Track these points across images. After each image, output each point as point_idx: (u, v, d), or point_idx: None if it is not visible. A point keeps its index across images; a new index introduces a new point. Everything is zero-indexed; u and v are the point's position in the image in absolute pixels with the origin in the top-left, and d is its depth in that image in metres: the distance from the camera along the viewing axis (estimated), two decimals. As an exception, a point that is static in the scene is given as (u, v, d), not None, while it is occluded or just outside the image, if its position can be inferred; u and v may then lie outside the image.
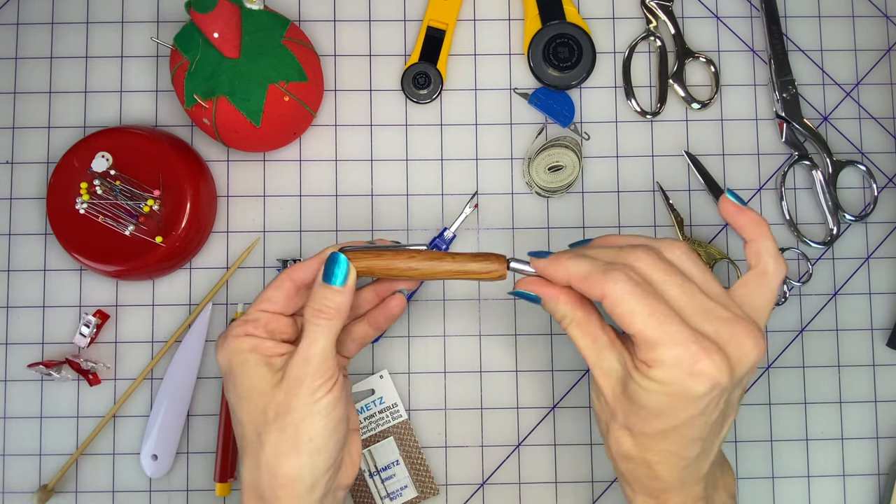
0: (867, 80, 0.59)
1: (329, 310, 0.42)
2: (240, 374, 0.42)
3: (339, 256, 0.42)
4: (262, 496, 0.41)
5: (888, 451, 0.57)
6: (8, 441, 0.55)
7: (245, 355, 0.42)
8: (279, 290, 0.44)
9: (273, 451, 0.41)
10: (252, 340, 0.43)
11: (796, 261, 0.57)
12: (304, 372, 0.41)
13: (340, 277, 0.42)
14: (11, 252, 0.56)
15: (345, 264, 0.42)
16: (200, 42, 0.50)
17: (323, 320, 0.42)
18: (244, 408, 0.42)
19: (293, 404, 0.41)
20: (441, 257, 0.44)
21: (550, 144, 0.56)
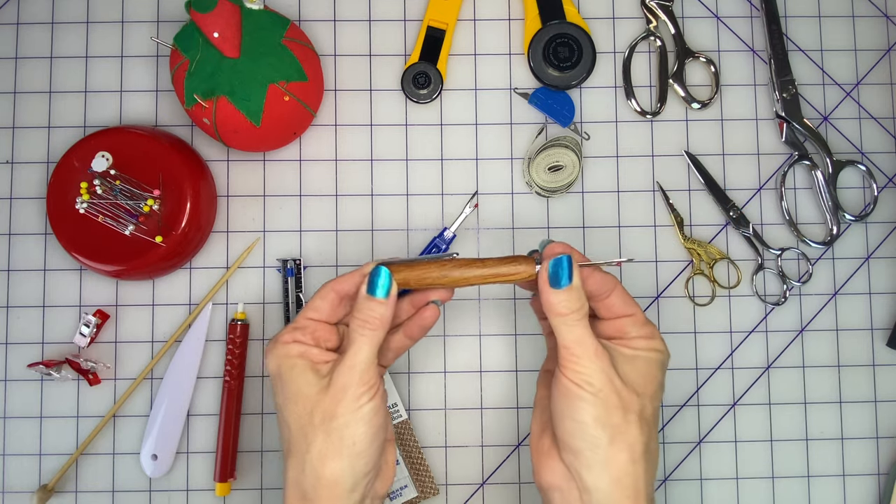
0: (867, 80, 0.59)
1: (374, 320, 0.44)
2: (288, 379, 0.44)
3: (383, 269, 0.44)
4: (305, 495, 0.43)
5: (888, 451, 0.57)
6: (8, 441, 0.55)
7: (293, 360, 0.44)
8: (324, 300, 0.46)
9: (318, 454, 0.43)
10: (300, 347, 0.45)
11: (796, 261, 0.57)
12: (350, 380, 0.43)
13: (384, 290, 0.44)
14: (11, 252, 0.56)
15: (387, 277, 0.44)
16: (200, 42, 0.50)
17: (368, 330, 0.44)
18: (291, 410, 0.44)
19: (338, 410, 0.43)
20: (471, 264, 0.45)
21: (550, 144, 0.56)
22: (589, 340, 0.43)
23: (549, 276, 0.43)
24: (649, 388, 0.44)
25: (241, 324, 0.55)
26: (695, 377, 0.57)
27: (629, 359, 0.44)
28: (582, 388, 0.42)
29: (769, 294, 0.57)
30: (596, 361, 0.42)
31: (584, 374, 0.42)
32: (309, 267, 0.56)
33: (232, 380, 0.54)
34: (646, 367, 0.44)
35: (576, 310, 0.43)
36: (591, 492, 0.42)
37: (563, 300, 0.43)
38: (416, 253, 0.57)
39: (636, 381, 0.44)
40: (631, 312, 0.46)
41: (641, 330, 0.45)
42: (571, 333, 0.43)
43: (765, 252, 0.57)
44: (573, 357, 0.43)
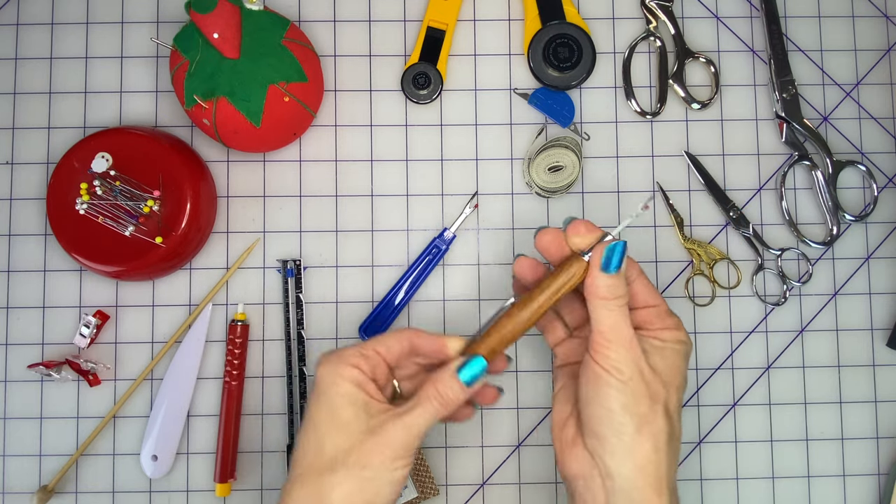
0: (867, 80, 0.59)
1: (450, 400, 0.44)
2: (339, 405, 0.43)
3: (481, 362, 0.44)
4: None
5: (888, 451, 0.57)
6: (8, 441, 0.55)
7: (350, 387, 0.44)
8: (399, 343, 0.46)
9: (342, 497, 0.42)
10: (361, 376, 0.44)
11: (796, 261, 0.57)
12: (399, 439, 0.42)
13: (472, 380, 0.44)
14: (11, 252, 0.56)
15: (482, 371, 0.44)
16: (200, 42, 0.50)
17: (439, 404, 0.44)
18: (331, 434, 0.43)
19: (374, 461, 0.42)
20: (532, 296, 0.45)
21: (550, 144, 0.56)
22: (625, 329, 0.43)
23: (603, 260, 0.43)
24: (676, 380, 0.45)
25: (242, 324, 0.55)
26: (695, 377, 0.57)
27: (658, 350, 0.45)
28: (612, 374, 0.42)
29: (769, 294, 0.57)
30: (629, 350, 0.43)
31: (615, 360, 0.43)
32: (309, 267, 0.56)
33: (232, 380, 0.54)
34: (673, 358, 0.45)
35: (619, 296, 0.43)
36: (615, 478, 0.42)
37: (610, 284, 0.43)
38: (415, 255, 0.57)
39: (664, 371, 0.44)
40: (655, 303, 0.46)
41: (667, 321, 0.46)
42: (610, 318, 0.43)
43: (765, 252, 0.57)
44: (607, 343, 0.43)
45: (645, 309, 0.46)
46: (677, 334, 0.45)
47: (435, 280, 0.57)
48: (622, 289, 0.44)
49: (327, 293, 0.56)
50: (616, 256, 0.43)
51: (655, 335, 0.45)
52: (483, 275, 0.57)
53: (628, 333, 0.43)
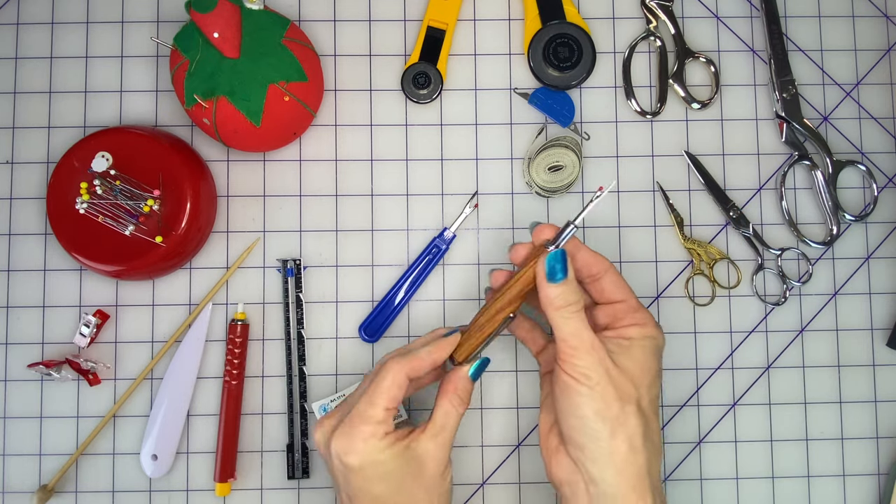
0: (867, 80, 0.59)
1: (467, 399, 0.47)
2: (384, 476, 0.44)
3: (488, 362, 0.48)
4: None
5: (888, 451, 0.57)
6: (8, 441, 0.55)
7: (384, 455, 0.44)
8: (401, 389, 0.46)
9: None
10: (383, 441, 0.44)
11: (796, 261, 0.57)
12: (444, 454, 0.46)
13: (479, 375, 0.47)
14: (11, 252, 0.56)
15: (486, 365, 0.48)
16: (200, 42, 0.50)
17: (463, 407, 0.46)
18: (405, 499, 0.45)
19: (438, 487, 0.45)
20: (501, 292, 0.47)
21: (550, 144, 0.56)
22: (585, 333, 0.43)
23: (547, 270, 0.44)
24: (646, 378, 0.45)
25: (242, 324, 0.55)
26: (695, 377, 0.57)
27: (624, 348, 0.45)
28: (580, 381, 0.43)
29: (769, 294, 0.57)
30: (592, 353, 0.43)
31: (581, 367, 0.43)
32: (309, 267, 0.56)
33: (232, 380, 0.54)
34: (641, 355, 0.45)
35: (572, 302, 0.44)
36: (598, 483, 0.43)
37: (559, 293, 0.44)
38: (415, 255, 0.57)
39: (632, 370, 0.44)
40: (623, 298, 0.46)
41: (635, 316, 0.46)
42: (568, 326, 0.43)
43: (765, 252, 0.57)
44: (570, 350, 0.43)
45: (613, 305, 0.46)
46: (645, 330, 0.45)
47: (435, 280, 0.57)
48: (573, 294, 0.44)
49: (327, 293, 0.56)
50: (558, 265, 0.44)
51: (622, 333, 0.45)
52: (483, 275, 0.57)
53: (589, 337, 0.43)
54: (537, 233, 0.46)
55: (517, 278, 0.46)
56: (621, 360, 0.44)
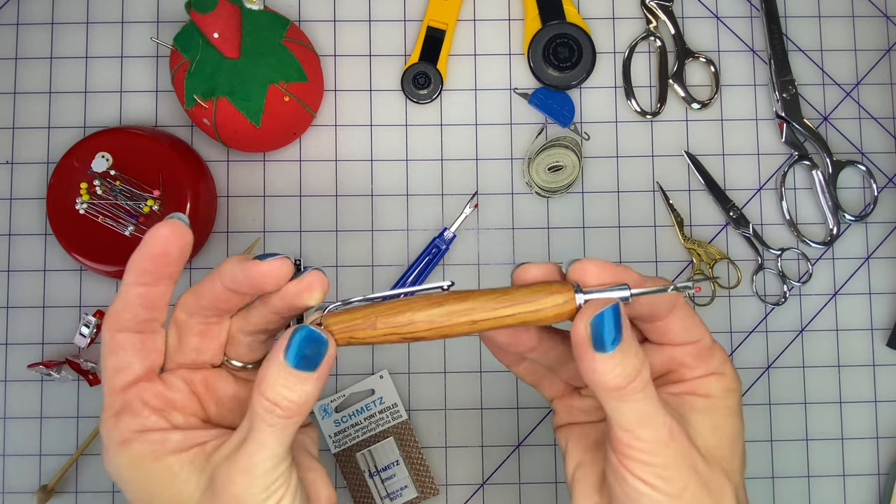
0: (867, 80, 0.59)
1: (291, 405, 0.29)
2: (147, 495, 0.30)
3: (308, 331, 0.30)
4: None
5: (888, 451, 0.57)
6: (8, 441, 0.55)
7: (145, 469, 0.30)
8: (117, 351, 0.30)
9: None
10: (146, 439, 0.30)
11: (796, 261, 0.57)
12: (247, 489, 0.29)
13: (312, 359, 0.29)
14: (11, 252, 0.56)
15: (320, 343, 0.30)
16: (200, 42, 0.50)
17: (279, 419, 0.29)
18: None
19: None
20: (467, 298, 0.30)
21: (550, 144, 0.56)
22: (659, 418, 0.30)
23: (592, 336, 0.29)
24: (737, 454, 0.33)
25: (241, 324, 0.55)
26: (695, 377, 0.57)
27: (706, 414, 0.32)
28: (657, 489, 0.30)
29: (769, 294, 0.57)
30: (672, 445, 0.30)
31: (657, 467, 0.30)
32: (309, 267, 0.56)
33: (232, 380, 0.54)
34: (727, 420, 0.33)
35: (634, 377, 0.29)
36: None
37: (614, 367, 0.29)
38: (415, 255, 0.57)
39: (720, 451, 0.32)
40: (695, 339, 0.33)
41: (710, 362, 0.33)
42: (632, 412, 0.30)
43: (765, 252, 0.57)
44: (639, 443, 0.30)
45: (675, 347, 0.33)
46: (726, 381, 0.33)
47: (435, 280, 0.57)
48: (636, 363, 0.29)
49: (327, 293, 0.56)
50: (609, 324, 0.29)
51: (696, 388, 0.32)
52: (483, 275, 0.57)
53: (665, 423, 0.30)
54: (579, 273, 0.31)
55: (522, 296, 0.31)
56: (704, 435, 0.32)
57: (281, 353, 0.29)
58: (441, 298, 0.30)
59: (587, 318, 0.29)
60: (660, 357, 0.33)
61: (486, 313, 0.30)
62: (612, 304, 0.30)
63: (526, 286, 0.31)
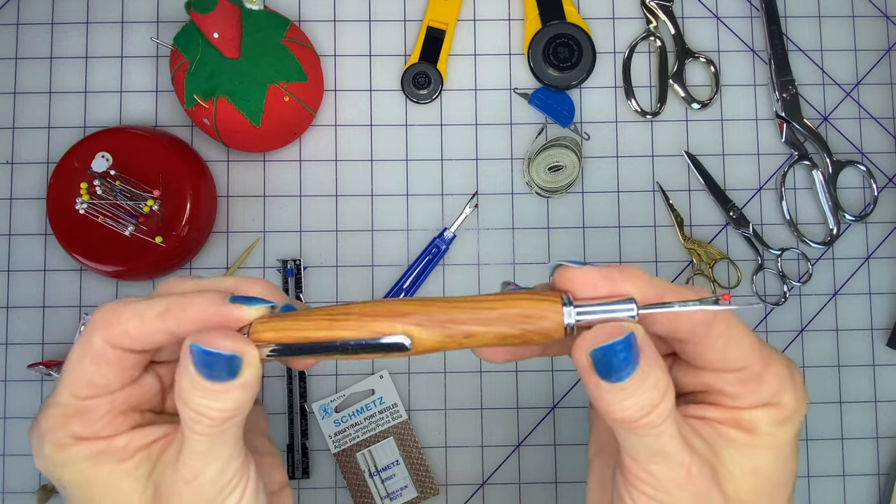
0: (867, 80, 0.59)
1: (218, 415, 0.26)
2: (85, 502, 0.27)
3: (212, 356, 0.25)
4: None
5: (888, 451, 0.57)
6: (8, 441, 0.55)
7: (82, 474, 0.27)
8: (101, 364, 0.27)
9: None
10: (86, 447, 0.27)
11: (796, 261, 0.57)
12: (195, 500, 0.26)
13: (229, 368, 0.25)
14: (11, 252, 0.56)
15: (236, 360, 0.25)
16: (200, 42, 0.50)
17: (208, 427, 0.26)
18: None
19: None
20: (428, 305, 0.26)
21: (550, 144, 0.56)
22: (678, 456, 0.25)
23: (595, 365, 0.25)
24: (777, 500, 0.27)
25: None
26: (695, 377, 0.57)
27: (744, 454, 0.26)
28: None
29: (769, 294, 0.57)
30: (687, 488, 0.25)
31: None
32: (309, 267, 0.56)
33: (232, 380, 0.54)
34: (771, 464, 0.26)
35: (650, 410, 0.25)
36: None
37: (624, 399, 0.25)
38: (415, 255, 0.57)
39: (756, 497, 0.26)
40: (743, 365, 0.27)
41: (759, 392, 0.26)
42: (645, 447, 0.25)
43: (765, 252, 0.57)
44: (647, 477, 0.26)
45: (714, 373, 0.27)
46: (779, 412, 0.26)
47: (435, 280, 0.57)
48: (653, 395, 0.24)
49: (327, 293, 0.56)
50: (620, 356, 0.24)
51: (739, 420, 0.26)
52: (483, 275, 0.57)
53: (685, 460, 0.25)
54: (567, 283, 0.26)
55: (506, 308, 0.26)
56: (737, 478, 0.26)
57: (190, 364, 0.25)
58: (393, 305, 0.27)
59: (586, 350, 0.24)
60: (691, 378, 0.27)
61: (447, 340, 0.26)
62: (624, 334, 0.24)
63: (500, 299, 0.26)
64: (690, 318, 0.26)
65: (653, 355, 0.25)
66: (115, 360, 0.27)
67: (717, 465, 0.26)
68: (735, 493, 0.25)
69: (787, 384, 0.27)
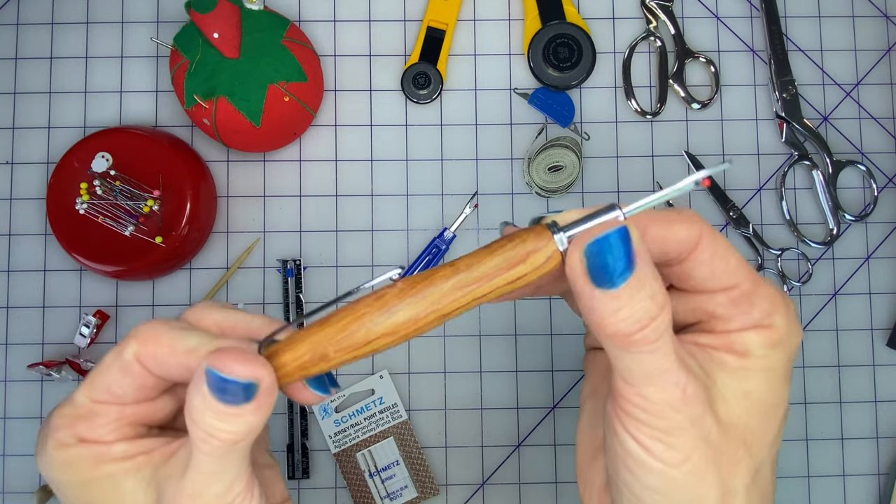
0: (867, 80, 0.59)
1: (229, 437, 0.25)
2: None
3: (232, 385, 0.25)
4: None
5: (888, 451, 0.57)
6: (8, 441, 0.55)
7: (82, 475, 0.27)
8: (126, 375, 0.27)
9: None
10: (87, 449, 0.27)
11: (796, 261, 0.57)
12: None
13: (244, 392, 0.26)
14: (11, 252, 0.56)
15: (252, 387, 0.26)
16: (200, 42, 0.50)
17: (218, 448, 0.25)
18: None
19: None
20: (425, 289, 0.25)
21: (550, 144, 0.56)
22: (673, 375, 0.24)
23: (589, 266, 0.24)
24: (770, 428, 0.28)
25: (242, 324, 0.55)
26: (695, 377, 0.57)
27: (736, 377, 0.26)
28: (653, 454, 0.25)
29: (769, 294, 0.57)
30: (683, 410, 0.24)
31: (660, 430, 0.25)
32: (309, 267, 0.56)
33: (232, 380, 0.54)
34: (763, 387, 0.27)
35: (647, 323, 0.24)
36: None
37: (619, 309, 0.24)
38: (415, 255, 0.57)
39: (747, 421, 0.26)
40: (732, 283, 0.26)
41: (750, 312, 0.26)
42: (640, 366, 0.24)
43: (765, 252, 0.57)
44: (641, 401, 0.25)
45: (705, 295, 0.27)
46: (773, 334, 0.26)
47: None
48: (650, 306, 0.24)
49: (327, 293, 0.56)
50: (615, 251, 0.23)
51: (732, 344, 0.26)
52: (483, 275, 0.57)
53: (680, 379, 0.24)
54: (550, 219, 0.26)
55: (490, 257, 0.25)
56: (729, 401, 0.26)
57: (205, 387, 0.25)
58: (393, 298, 0.25)
59: (580, 250, 0.23)
60: (683, 305, 0.27)
61: (453, 302, 0.25)
62: (618, 226, 0.23)
63: (488, 248, 0.25)
64: (677, 236, 0.26)
65: (648, 264, 0.24)
66: (137, 376, 0.27)
67: (711, 389, 0.25)
68: (727, 416, 0.25)
69: (778, 307, 0.26)
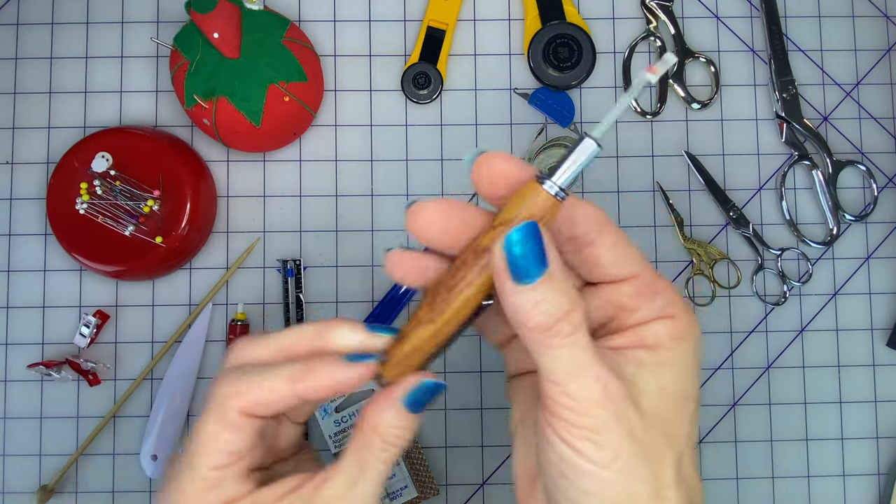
0: (867, 80, 0.59)
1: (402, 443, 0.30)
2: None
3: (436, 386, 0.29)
4: None
5: (888, 451, 0.57)
6: (8, 441, 0.55)
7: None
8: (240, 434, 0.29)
9: None
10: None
11: (796, 261, 0.57)
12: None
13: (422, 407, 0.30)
14: (11, 252, 0.56)
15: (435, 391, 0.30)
16: (200, 42, 0.50)
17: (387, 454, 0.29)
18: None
19: None
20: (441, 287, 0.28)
21: (550, 144, 0.56)
22: (593, 369, 0.26)
23: (508, 261, 0.25)
24: (685, 416, 0.28)
25: (241, 324, 0.55)
26: (695, 377, 0.57)
27: (652, 372, 0.27)
28: (584, 455, 0.26)
29: (769, 294, 0.57)
30: (607, 406, 0.26)
31: (587, 430, 0.26)
32: (309, 267, 0.56)
33: (232, 380, 0.54)
34: (676, 376, 0.27)
35: (561, 317, 0.25)
36: None
37: (537, 303, 0.25)
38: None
39: (665, 412, 0.27)
40: (633, 272, 0.28)
41: (654, 302, 0.28)
42: (560, 362, 0.26)
43: (765, 252, 0.57)
44: (567, 400, 0.26)
45: (614, 286, 0.28)
46: (676, 325, 0.27)
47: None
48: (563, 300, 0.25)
49: (327, 293, 0.56)
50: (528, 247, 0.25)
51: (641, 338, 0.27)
52: (483, 275, 0.57)
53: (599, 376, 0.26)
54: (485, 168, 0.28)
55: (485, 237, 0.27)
56: (649, 395, 0.27)
57: (399, 400, 0.29)
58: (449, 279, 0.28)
59: (500, 249, 0.25)
60: (596, 301, 0.28)
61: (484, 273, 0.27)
62: (527, 222, 0.25)
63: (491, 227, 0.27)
64: (584, 212, 0.28)
65: (558, 262, 0.26)
66: (248, 427, 0.29)
67: (632, 388, 0.27)
68: (650, 409, 0.27)
69: (675, 299, 0.28)
